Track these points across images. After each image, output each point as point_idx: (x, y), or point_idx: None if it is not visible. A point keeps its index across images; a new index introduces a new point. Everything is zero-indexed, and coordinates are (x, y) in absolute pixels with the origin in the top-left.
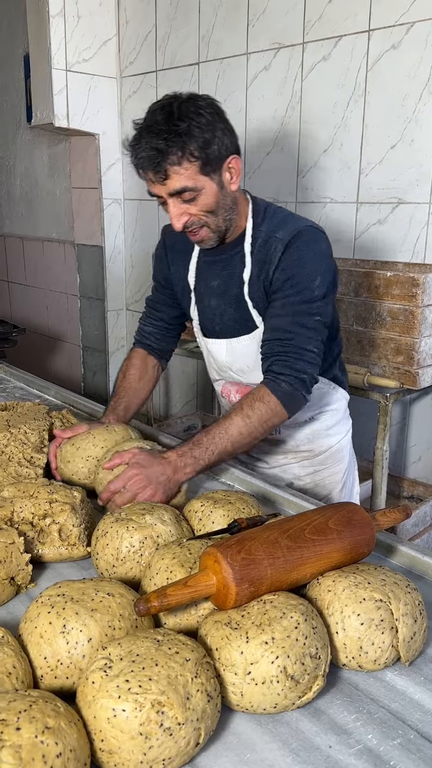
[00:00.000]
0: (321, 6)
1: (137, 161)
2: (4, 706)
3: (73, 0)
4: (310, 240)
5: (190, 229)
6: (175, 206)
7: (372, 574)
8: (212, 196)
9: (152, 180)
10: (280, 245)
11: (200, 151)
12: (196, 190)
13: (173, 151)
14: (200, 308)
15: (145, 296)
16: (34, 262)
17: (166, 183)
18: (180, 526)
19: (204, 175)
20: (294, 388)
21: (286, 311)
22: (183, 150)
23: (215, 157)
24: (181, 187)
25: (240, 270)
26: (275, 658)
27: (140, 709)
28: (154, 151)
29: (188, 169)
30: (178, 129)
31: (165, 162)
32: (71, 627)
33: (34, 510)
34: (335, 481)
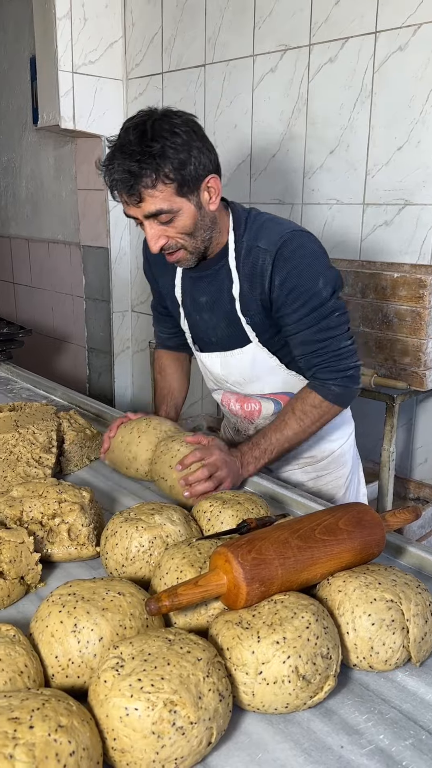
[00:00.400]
0: (327, 8)
1: (111, 183)
2: (17, 704)
3: (80, 2)
4: (297, 245)
5: (167, 251)
6: (152, 228)
7: (382, 574)
8: (190, 217)
9: (126, 202)
10: (268, 257)
11: (175, 173)
12: (172, 212)
13: (147, 173)
14: (191, 322)
15: (150, 298)
16: (40, 264)
17: (141, 206)
18: (189, 526)
19: (180, 197)
20: (344, 387)
21: (304, 324)
22: (157, 172)
23: (192, 177)
24: (156, 209)
25: (228, 286)
26: (287, 658)
27: (153, 708)
28: (126, 173)
29: (163, 192)
30: (151, 150)
31: (138, 185)
32: (82, 626)
33: (44, 510)
34: (338, 486)
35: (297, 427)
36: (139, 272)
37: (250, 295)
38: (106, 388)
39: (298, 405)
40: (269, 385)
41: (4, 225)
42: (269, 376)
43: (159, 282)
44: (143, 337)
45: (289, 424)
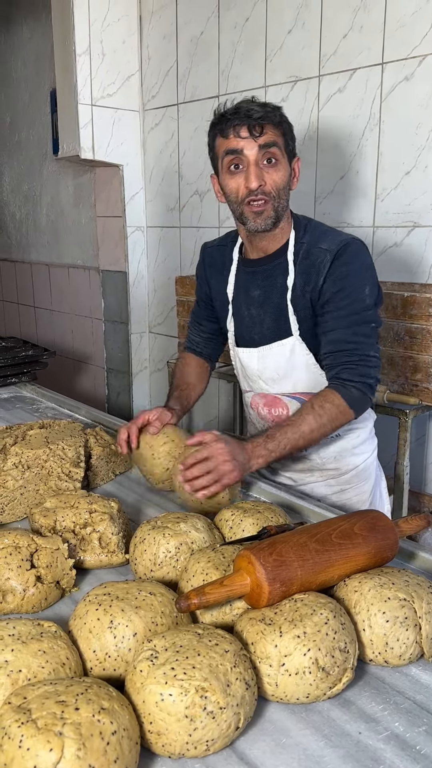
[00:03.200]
0: (336, 41)
1: (234, 118)
2: (63, 689)
3: (98, 39)
4: (357, 252)
5: (259, 196)
6: (257, 168)
7: (396, 575)
8: (285, 174)
9: (242, 137)
10: (329, 256)
11: (287, 132)
12: (279, 151)
13: (272, 117)
14: (237, 318)
15: (166, 319)
16: (60, 288)
17: (259, 139)
18: (212, 534)
19: (284, 152)
20: (362, 392)
21: (343, 323)
22: (279, 120)
23: (291, 147)
24: (272, 140)
25: (283, 279)
26: (307, 651)
27: (185, 694)
28: (258, 107)
29: (278, 136)
30: (275, 108)
31: (266, 117)
32: (118, 622)
33: (75, 519)
34: (362, 501)
35: (314, 423)
36: (156, 294)
37: (302, 289)
38: (125, 407)
39: (317, 401)
40: (301, 383)
41: (26, 251)
42: (302, 373)
43: (211, 284)
44: (160, 357)
45: (306, 419)
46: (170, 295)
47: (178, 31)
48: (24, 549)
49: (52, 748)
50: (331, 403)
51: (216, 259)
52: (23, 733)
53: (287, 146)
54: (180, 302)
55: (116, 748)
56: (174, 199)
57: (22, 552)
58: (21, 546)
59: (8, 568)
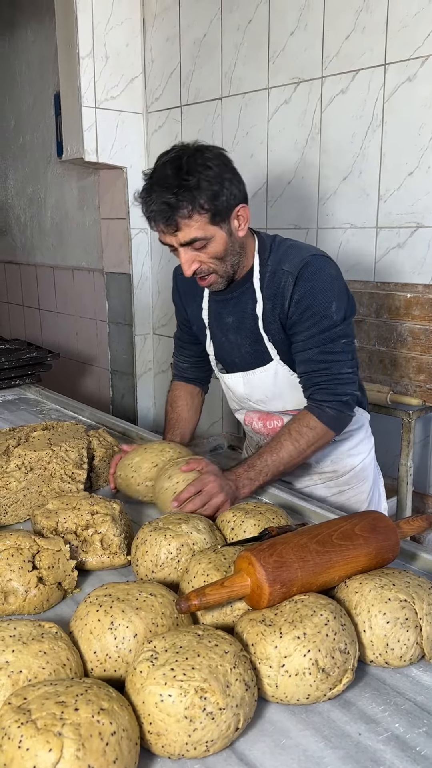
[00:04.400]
0: (338, 42)
1: (149, 214)
2: (63, 690)
3: (102, 42)
4: (317, 268)
5: (199, 275)
6: (186, 254)
7: (396, 577)
8: (221, 244)
9: (163, 231)
10: (290, 278)
11: (209, 203)
12: (206, 239)
13: (183, 204)
14: (216, 344)
15: (171, 320)
16: (65, 290)
17: (177, 234)
18: (214, 535)
19: (213, 225)
20: (338, 411)
21: (312, 343)
22: (193, 203)
23: (224, 207)
24: (191, 238)
25: (252, 306)
26: (307, 652)
27: (185, 695)
28: (164, 205)
29: (198, 221)
30: (187, 183)
31: (176, 215)
32: (118, 624)
33: (77, 521)
34: (360, 501)
35: (292, 448)
36: (160, 296)
37: (271, 314)
38: (129, 408)
39: (294, 426)
40: (291, 402)
41: (30, 254)
42: (290, 393)
43: (187, 310)
44: (164, 358)
45: (285, 445)
46: None
47: (181, 33)
48: (26, 550)
49: (52, 748)
50: (308, 427)
51: (188, 285)
52: (23, 733)
53: (215, 217)
54: None
55: (115, 748)
56: None
57: (24, 553)
58: (23, 547)
59: (10, 569)
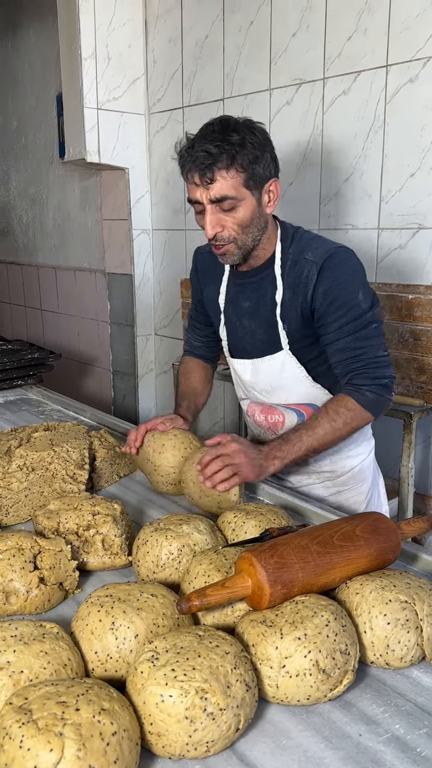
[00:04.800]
0: (340, 44)
1: (187, 163)
2: (64, 690)
3: (104, 43)
4: (343, 259)
5: (218, 241)
6: (213, 214)
7: (397, 578)
8: (249, 211)
9: (197, 183)
10: (314, 268)
11: (248, 165)
12: (236, 200)
13: (224, 158)
14: (229, 329)
15: (172, 321)
16: (66, 291)
17: (210, 188)
18: (215, 536)
19: (246, 189)
20: (378, 394)
21: (344, 332)
22: (233, 159)
23: (260, 175)
24: (223, 194)
25: (272, 292)
26: (308, 653)
27: (186, 695)
28: (205, 153)
29: (234, 178)
30: (231, 139)
31: (214, 166)
32: (119, 624)
33: (79, 521)
34: (358, 502)
35: (328, 426)
36: (161, 297)
37: (291, 303)
38: (131, 409)
39: (332, 405)
40: (294, 395)
41: (32, 254)
42: (295, 386)
43: (204, 291)
44: (166, 359)
45: (321, 423)
46: (176, 297)
47: (183, 34)
48: (27, 551)
49: (53, 748)
50: (346, 408)
51: (209, 266)
52: (24, 733)
53: (250, 180)
54: (185, 305)
55: (116, 748)
56: (179, 202)
57: (25, 554)
58: (24, 548)
59: (12, 569)
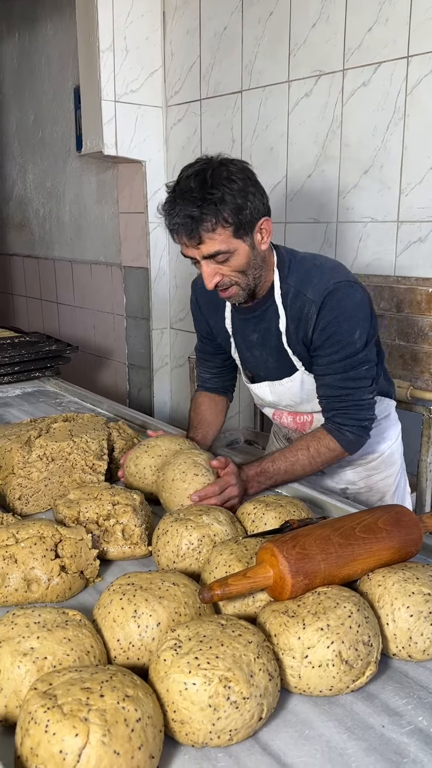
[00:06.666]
0: (360, 35)
1: (172, 227)
2: (88, 677)
3: (122, 35)
4: (342, 296)
5: (221, 288)
6: (208, 267)
7: (420, 570)
8: (244, 257)
9: (186, 244)
10: (314, 307)
11: (233, 217)
12: (228, 253)
13: (207, 218)
14: (242, 358)
15: (188, 315)
16: (83, 285)
17: (200, 247)
18: (234, 527)
19: (236, 239)
20: (357, 435)
21: (333, 369)
22: (216, 217)
23: (247, 221)
24: (214, 251)
25: (276, 322)
26: (330, 643)
27: (209, 683)
28: (188, 218)
29: (221, 234)
30: (212, 197)
31: (199, 228)
32: (142, 612)
33: (99, 511)
34: (388, 485)
35: (307, 464)
36: (177, 291)
37: (295, 335)
38: (146, 402)
39: (314, 444)
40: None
41: (49, 248)
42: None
43: (210, 322)
44: (181, 353)
45: (300, 460)
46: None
47: (201, 26)
48: (48, 539)
49: (78, 733)
50: (327, 448)
51: (209, 297)
52: (49, 718)
53: (238, 230)
54: None
55: (141, 735)
56: None
57: (46, 542)
58: (45, 536)
59: (33, 557)
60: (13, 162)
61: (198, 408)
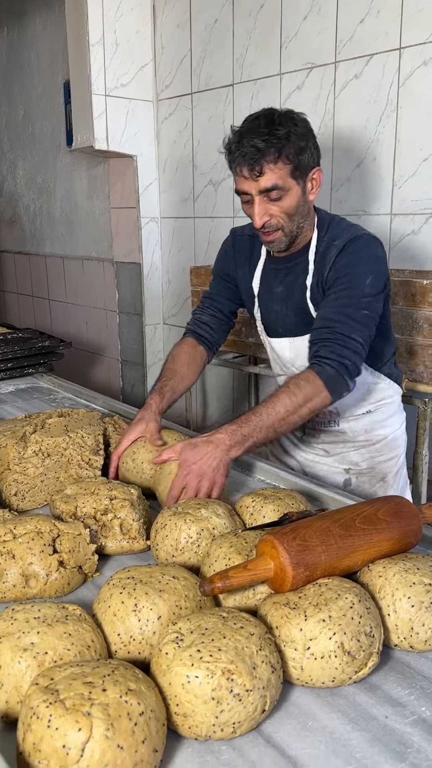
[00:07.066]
0: (352, 27)
1: (235, 157)
2: (90, 671)
3: (112, 29)
4: (363, 245)
5: (266, 229)
6: (261, 204)
7: (420, 561)
8: (295, 199)
9: (245, 176)
10: (335, 250)
11: (294, 156)
12: (283, 190)
13: (271, 151)
14: (263, 311)
15: (181, 310)
16: (75, 281)
17: (259, 180)
18: (233, 520)
19: (292, 179)
20: (338, 372)
21: (335, 303)
22: (280, 152)
23: (305, 164)
24: (271, 185)
25: (303, 277)
26: (333, 635)
27: (212, 676)
28: (253, 149)
29: (281, 170)
30: (278, 133)
31: (263, 159)
32: (142, 605)
33: (96, 506)
34: (390, 466)
35: (288, 402)
36: (170, 286)
37: (317, 286)
38: (140, 398)
39: (293, 380)
40: None
41: (40, 244)
42: None
43: (238, 271)
44: None
45: (281, 398)
46: (185, 286)
47: (191, 19)
48: (46, 534)
49: (81, 728)
50: (306, 381)
51: (244, 249)
52: (51, 713)
53: (296, 170)
54: (195, 293)
55: (144, 729)
56: (188, 190)
57: (44, 537)
58: (43, 531)
59: (31, 553)
60: (3, 158)
61: (175, 358)
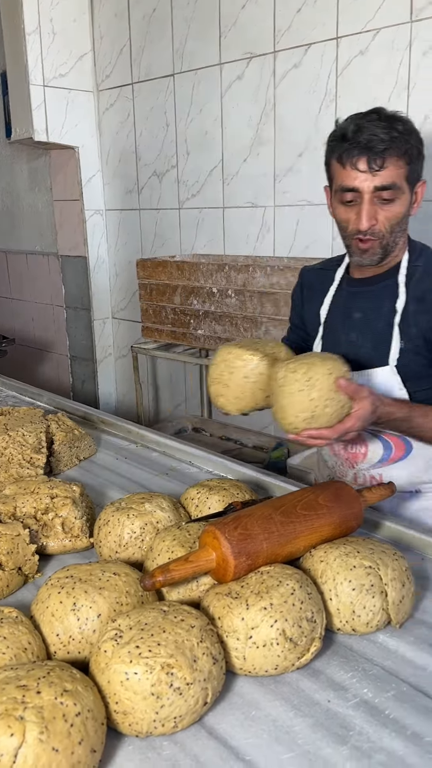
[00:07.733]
0: (290, 16)
1: (351, 147)
2: (24, 674)
3: (48, 17)
4: None
5: (367, 235)
6: (371, 204)
7: (361, 544)
8: (404, 206)
9: (361, 170)
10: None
11: (414, 158)
12: (397, 191)
13: (397, 145)
14: (330, 341)
15: (129, 304)
16: (19, 275)
17: (379, 174)
18: (178, 513)
19: (407, 183)
20: None
21: None
22: (404, 148)
23: (417, 172)
24: (390, 182)
25: (391, 302)
26: (274, 622)
27: (151, 672)
28: (377, 138)
29: (401, 168)
30: (398, 128)
31: (387, 151)
32: (81, 604)
33: (36, 505)
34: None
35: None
36: (118, 279)
37: (414, 317)
38: (90, 395)
39: None
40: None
41: None
42: None
43: (305, 306)
44: (125, 343)
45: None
46: (132, 279)
47: (130, 8)
48: None
49: (13, 732)
50: None
51: (314, 282)
52: None
53: (411, 174)
54: (142, 286)
55: (80, 729)
56: (132, 181)
57: None
58: None
59: None
60: None
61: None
